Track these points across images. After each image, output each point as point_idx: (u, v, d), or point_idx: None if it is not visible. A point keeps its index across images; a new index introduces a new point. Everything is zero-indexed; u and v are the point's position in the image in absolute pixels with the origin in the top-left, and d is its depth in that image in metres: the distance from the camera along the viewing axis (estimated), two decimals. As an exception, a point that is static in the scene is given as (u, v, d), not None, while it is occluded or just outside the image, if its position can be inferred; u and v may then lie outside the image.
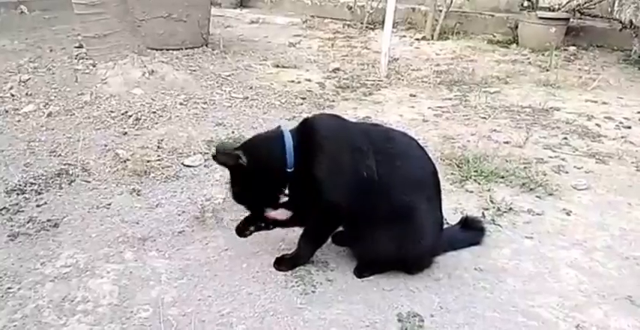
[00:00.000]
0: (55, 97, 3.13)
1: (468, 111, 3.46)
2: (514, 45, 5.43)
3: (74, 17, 3.44)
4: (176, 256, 1.86)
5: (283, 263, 1.82)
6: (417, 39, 5.71)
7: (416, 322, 1.59)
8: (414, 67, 4.57)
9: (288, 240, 1.96)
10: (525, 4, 5.38)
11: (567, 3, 5.34)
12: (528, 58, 4.95)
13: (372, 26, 6.22)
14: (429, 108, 3.52)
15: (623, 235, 2.08)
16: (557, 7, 5.37)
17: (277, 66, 4.39)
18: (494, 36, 5.74)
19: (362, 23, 6.27)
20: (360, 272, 1.80)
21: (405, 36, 5.88)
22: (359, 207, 1.67)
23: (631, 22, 5.07)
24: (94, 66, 3.38)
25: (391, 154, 1.71)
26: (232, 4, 7.34)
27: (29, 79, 3.38)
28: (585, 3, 5.30)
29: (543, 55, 4.99)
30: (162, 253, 1.87)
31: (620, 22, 5.16)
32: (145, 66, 3.37)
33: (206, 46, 4.66)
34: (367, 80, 4.11)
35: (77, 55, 3.64)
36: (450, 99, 3.72)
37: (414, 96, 3.79)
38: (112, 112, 2.97)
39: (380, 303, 1.68)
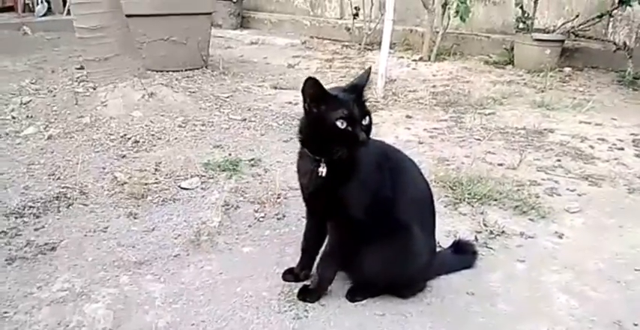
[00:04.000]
0: (55, 119, 3.18)
1: (463, 133, 3.50)
2: (510, 66, 5.50)
3: (76, 38, 3.51)
4: (171, 280, 1.88)
5: (308, 295, 1.80)
6: (415, 60, 5.78)
7: (407, 348, 1.61)
8: (410, 88, 4.63)
9: (283, 264, 1.98)
10: (521, 25, 5.45)
11: (562, 25, 5.43)
12: (524, 79, 5.01)
13: (370, 47, 6.31)
14: (425, 129, 3.56)
15: (614, 258, 2.10)
16: (552, 28, 5.46)
17: (275, 87, 4.45)
18: (490, 57, 5.82)
19: (360, 44, 6.36)
20: (353, 296, 1.82)
21: (402, 57, 5.96)
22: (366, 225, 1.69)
23: (625, 43, 5.16)
24: (94, 89, 3.43)
25: (397, 174, 1.75)
26: (233, 25, 7.45)
27: (30, 100, 3.44)
28: (580, 25, 5.39)
29: (539, 76, 5.05)
30: (157, 277, 1.89)
31: (614, 43, 5.25)
32: (144, 88, 3.43)
33: (206, 67, 4.74)
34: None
35: (78, 78, 3.70)
36: (446, 120, 3.76)
37: (410, 117, 3.83)
38: (111, 134, 3.01)
39: (372, 328, 1.69)
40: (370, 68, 1.69)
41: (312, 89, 1.55)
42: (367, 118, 1.58)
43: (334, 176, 1.62)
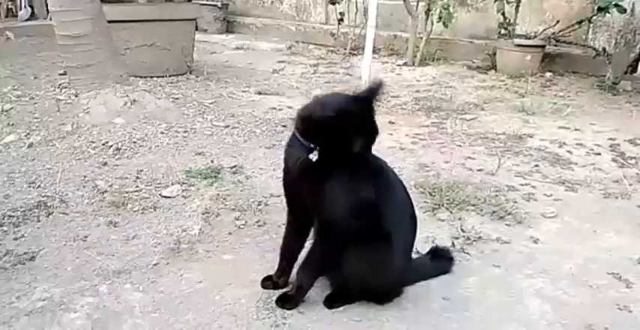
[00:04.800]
0: (36, 127, 3.17)
1: (444, 138, 3.55)
2: (492, 71, 5.57)
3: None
4: (150, 289, 1.88)
5: (287, 302, 1.81)
6: (399, 65, 5.84)
7: (382, 353, 1.63)
8: (394, 93, 4.66)
9: (262, 271, 2.00)
10: (502, 31, 5.53)
11: (543, 31, 5.52)
12: (506, 84, 5.08)
13: (355, 52, 6.34)
14: (407, 135, 3.60)
15: (587, 263, 2.15)
16: (533, 34, 5.54)
17: (260, 93, 4.47)
18: (473, 62, 5.89)
19: (345, 49, 6.40)
20: (331, 303, 1.84)
21: (387, 62, 6.01)
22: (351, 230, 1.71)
23: (604, 49, 5.25)
24: (76, 96, 3.43)
25: (379, 180, 1.78)
26: (218, 30, 7.46)
27: (12, 108, 3.43)
28: (560, 31, 5.48)
29: (520, 81, 5.13)
30: (136, 286, 1.90)
31: (594, 49, 5.34)
32: (127, 95, 3.43)
33: (190, 73, 4.75)
34: (347, 107, 4.18)
35: (60, 84, 3.69)
36: (427, 126, 3.80)
37: (393, 123, 3.87)
38: (92, 142, 3.01)
39: (349, 334, 1.72)
40: (381, 82, 1.74)
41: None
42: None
43: (323, 164, 1.65)
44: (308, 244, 1.86)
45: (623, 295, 1.96)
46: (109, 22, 3.63)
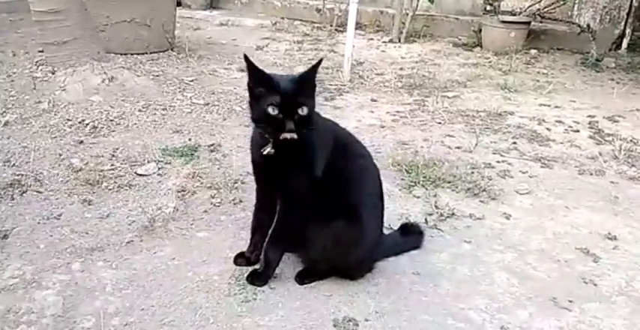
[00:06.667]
0: (12, 105, 3.13)
1: (425, 116, 3.55)
2: (478, 48, 5.55)
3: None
4: (123, 266, 1.90)
5: (256, 278, 1.84)
6: (384, 42, 5.79)
7: (350, 327, 1.67)
8: (378, 71, 4.64)
9: (236, 248, 2.02)
10: (488, 8, 5.49)
11: (529, 7, 5.48)
12: (490, 62, 5.07)
13: (341, 29, 6.26)
14: (388, 113, 3.60)
15: (557, 238, 2.19)
16: (518, 11, 5.50)
17: (242, 70, 4.41)
18: (459, 39, 5.85)
19: (331, 25, 6.33)
20: (302, 279, 1.87)
21: (372, 39, 5.96)
22: (312, 207, 1.73)
23: (588, 26, 5.23)
24: (53, 73, 3.38)
25: (347, 157, 1.79)
26: (202, 5, 7.33)
27: (-12, 86, 3.38)
28: (546, 7, 5.45)
29: (505, 58, 5.11)
30: (109, 264, 1.91)
31: (579, 25, 5.32)
32: (104, 72, 3.39)
33: (172, 49, 4.67)
34: (330, 85, 4.17)
35: (37, 62, 3.63)
36: (409, 104, 3.80)
37: (375, 101, 3.86)
38: (69, 120, 2.98)
39: (319, 309, 1.74)
40: (321, 60, 1.70)
41: (252, 69, 1.60)
42: (304, 108, 1.59)
43: (281, 155, 1.65)
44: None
45: (590, 269, 2.00)
46: (88, -3, 3.57)
